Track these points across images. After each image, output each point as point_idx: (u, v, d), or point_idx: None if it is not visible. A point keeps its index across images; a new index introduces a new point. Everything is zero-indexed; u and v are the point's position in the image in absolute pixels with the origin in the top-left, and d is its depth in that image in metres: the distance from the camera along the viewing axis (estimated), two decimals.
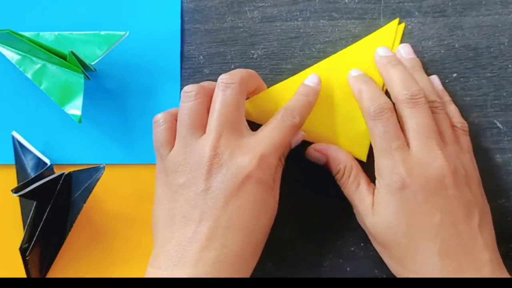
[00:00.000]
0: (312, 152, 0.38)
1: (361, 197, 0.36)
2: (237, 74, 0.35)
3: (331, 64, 0.39)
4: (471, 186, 0.34)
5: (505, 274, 0.33)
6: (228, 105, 0.34)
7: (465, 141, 0.37)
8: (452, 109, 0.39)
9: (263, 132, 0.35)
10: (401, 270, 0.34)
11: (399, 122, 0.35)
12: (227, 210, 0.32)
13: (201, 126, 0.34)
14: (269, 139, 0.34)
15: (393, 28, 0.40)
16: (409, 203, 0.33)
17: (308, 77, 0.38)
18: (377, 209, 0.34)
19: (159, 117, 0.36)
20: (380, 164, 0.34)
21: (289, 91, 0.38)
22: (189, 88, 0.35)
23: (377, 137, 0.35)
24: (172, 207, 0.33)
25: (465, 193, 0.34)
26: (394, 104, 0.36)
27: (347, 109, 0.39)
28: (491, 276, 0.32)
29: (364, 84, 0.37)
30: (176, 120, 0.35)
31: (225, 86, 0.35)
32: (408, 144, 0.34)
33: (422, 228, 0.33)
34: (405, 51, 0.39)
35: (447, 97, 0.39)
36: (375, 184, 0.35)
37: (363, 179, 0.36)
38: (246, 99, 0.37)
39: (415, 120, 0.34)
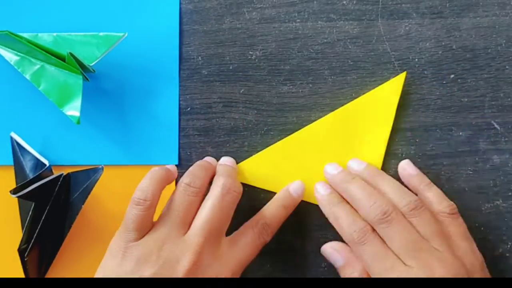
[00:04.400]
0: (329, 249, 0.37)
1: None
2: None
3: (333, 120, 0.39)
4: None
5: None
6: (222, 212, 0.34)
7: (457, 226, 0.35)
8: (433, 193, 0.36)
9: (238, 245, 0.35)
10: None
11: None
12: None
13: (190, 223, 0.34)
14: (242, 254, 0.35)
15: (401, 83, 0.40)
16: None
17: (294, 185, 0.38)
18: None
19: (147, 193, 0.34)
20: None
21: (283, 153, 0.39)
22: (194, 183, 0.35)
23: (369, 260, 0.34)
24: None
25: None
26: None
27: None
28: None
29: (338, 209, 0.36)
30: (157, 201, 0.35)
31: (227, 192, 0.35)
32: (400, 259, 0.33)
33: None
34: (356, 164, 0.38)
35: (425, 181, 0.37)
36: None
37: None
38: None
39: (397, 238, 0.33)
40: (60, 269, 0.40)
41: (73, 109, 0.37)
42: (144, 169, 0.40)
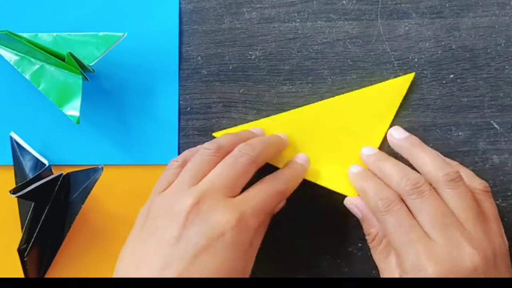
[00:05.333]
0: (350, 205, 0.38)
1: (390, 269, 0.34)
2: (257, 147, 0.35)
3: (338, 104, 0.40)
4: (499, 267, 0.32)
5: None
6: (233, 171, 0.33)
7: (489, 205, 0.34)
8: (465, 173, 0.36)
9: (248, 192, 0.34)
10: None
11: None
12: (193, 266, 0.30)
13: (201, 179, 0.34)
14: (252, 200, 0.33)
15: (408, 82, 0.40)
16: None
17: (300, 156, 0.38)
18: None
19: (177, 159, 0.36)
20: (404, 259, 0.32)
21: (282, 127, 0.39)
22: (209, 146, 0.35)
23: (393, 232, 0.33)
24: (140, 250, 0.32)
25: (491, 275, 0.31)
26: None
27: (347, 151, 0.39)
28: None
29: (366, 181, 0.36)
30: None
31: (240, 155, 0.34)
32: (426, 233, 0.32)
33: None
34: (397, 133, 0.38)
35: (454, 162, 0.38)
36: None
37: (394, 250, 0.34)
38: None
39: (427, 210, 0.33)
40: (60, 269, 0.40)
41: (72, 109, 0.37)
42: (144, 169, 0.40)
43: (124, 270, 0.32)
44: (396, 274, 0.34)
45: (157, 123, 0.41)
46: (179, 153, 0.40)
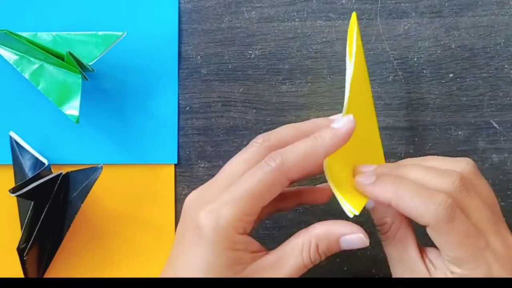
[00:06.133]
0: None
1: (409, 263, 0.30)
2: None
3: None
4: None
5: None
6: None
7: (483, 190, 0.31)
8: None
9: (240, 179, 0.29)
10: None
11: None
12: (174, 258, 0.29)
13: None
14: (242, 185, 0.28)
15: (354, 24, 0.35)
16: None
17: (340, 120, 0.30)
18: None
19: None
20: (472, 269, 0.28)
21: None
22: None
23: (460, 240, 0.28)
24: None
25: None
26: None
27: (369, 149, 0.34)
28: None
29: (401, 185, 0.29)
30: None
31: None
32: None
33: None
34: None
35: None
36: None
37: (412, 240, 0.30)
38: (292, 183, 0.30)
39: (479, 209, 0.29)
40: (59, 268, 0.40)
41: (72, 108, 0.37)
42: (144, 168, 0.40)
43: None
44: (420, 270, 0.29)
45: (156, 122, 0.41)
46: (178, 153, 0.41)
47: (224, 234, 0.27)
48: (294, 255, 0.29)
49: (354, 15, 0.35)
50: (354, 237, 0.29)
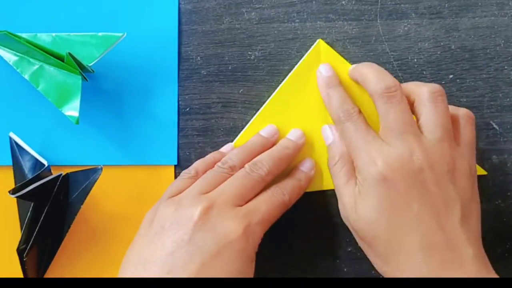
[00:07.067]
0: (324, 129, 0.39)
1: (350, 191, 0.35)
2: (266, 166, 0.36)
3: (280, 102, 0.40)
4: (457, 182, 0.33)
5: (490, 271, 0.32)
6: (242, 185, 0.35)
7: (467, 132, 0.35)
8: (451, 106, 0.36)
9: (255, 202, 0.35)
10: (386, 267, 0.33)
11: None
12: (200, 271, 0.31)
13: (212, 190, 0.35)
14: (258, 211, 0.34)
15: (319, 50, 0.40)
16: (388, 196, 0.32)
17: (305, 164, 0.39)
18: (358, 206, 0.33)
19: (189, 170, 0.37)
20: (358, 161, 0.34)
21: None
22: (223, 165, 0.36)
23: (350, 137, 0.35)
24: (148, 250, 0.32)
25: (446, 189, 0.32)
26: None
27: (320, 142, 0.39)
28: (475, 273, 0.31)
29: (333, 91, 0.37)
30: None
31: (251, 171, 0.35)
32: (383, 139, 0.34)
33: (402, 221, 0.32)
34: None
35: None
36: None
37: (354, 174, 0.36)
38: None
39: (391, 116, 0.34)
40: (59, 269, 0.40)
41: (72, 109, 0.37)
42: (143, 169, 0.40)
43: (132, 269, 0.32)
44: (353, 198, 0.34)
45: (156, 123, 0.41)
46: (178, 154, 0.41)
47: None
48: None
49: (320, 41, 0.40)
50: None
